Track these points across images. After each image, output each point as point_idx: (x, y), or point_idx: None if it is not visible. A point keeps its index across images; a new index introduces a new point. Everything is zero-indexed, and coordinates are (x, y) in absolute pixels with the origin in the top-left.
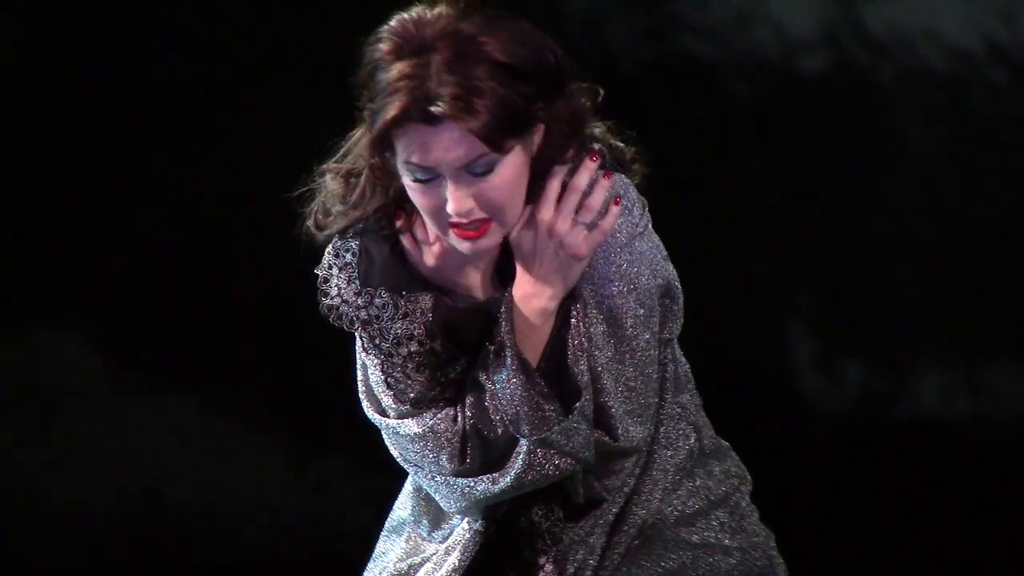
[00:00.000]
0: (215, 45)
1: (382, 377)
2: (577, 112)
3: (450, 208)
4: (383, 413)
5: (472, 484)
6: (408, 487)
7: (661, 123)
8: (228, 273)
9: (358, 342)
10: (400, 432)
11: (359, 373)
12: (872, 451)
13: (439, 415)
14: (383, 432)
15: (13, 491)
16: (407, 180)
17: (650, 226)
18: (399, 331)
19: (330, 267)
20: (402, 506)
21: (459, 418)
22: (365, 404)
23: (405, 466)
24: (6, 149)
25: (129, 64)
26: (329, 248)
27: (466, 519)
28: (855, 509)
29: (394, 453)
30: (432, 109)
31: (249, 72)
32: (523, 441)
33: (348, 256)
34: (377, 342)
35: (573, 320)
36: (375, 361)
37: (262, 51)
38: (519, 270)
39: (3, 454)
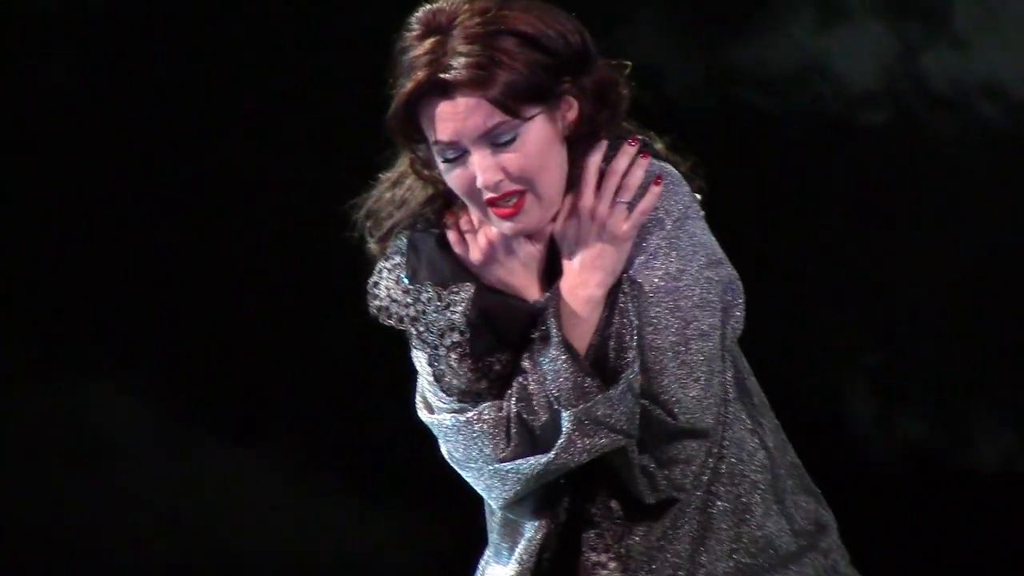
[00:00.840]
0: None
1: (430, 371)
2: (608, 84)
3: (479, 181)
4: (432, 411)
5: (518, 464)
6: (490, 524)
7: (721, 175)
8: (278, 321)
9: (411, 346)
10: (447, 425)
11: (417, 381)
12: (932, 507)
13: (484, 405)
14: (433, 431)
15: (67, 541)
16: (441, 165)
17: (703, 216)
18: (442, 322)
19: (380, 271)
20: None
21: (504, 406)
22: (418, 406)
23: (455, 466)
24: (65, 207)
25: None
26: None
27: (528, 527)
28: (915, 566)
29: (444, 453)
30: (443, 76)
31: (304, 112)
32: (566, 417)
33: (397, 257)
34: (424, 336)
35: (622, 305)
36: (423, 357)
37: (309, 86)
38: (564, 261)
39: (56, 502)
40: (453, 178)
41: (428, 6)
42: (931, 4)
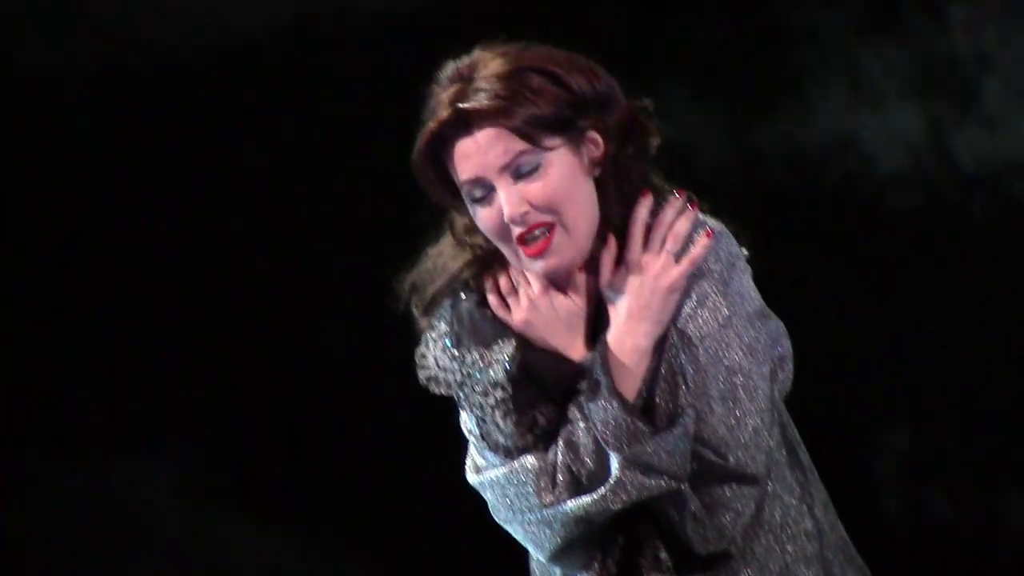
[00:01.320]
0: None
1: (477, 432)
2: (633, 123)
3: (505, 214)
4: (479, 471)
5: (563, 507)
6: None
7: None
8: (310, 401)
9: (459, 409)
10: (494, 479)
11: (468, 448)
12: None
13: (529, 453)
14: (481, 492)
15: None
16: (471, 209)
17: (750, 272)
18: (486, 381)
19: (426, 340)
20: None
21: (550, 454)
22: (468, 470)
23: (503, 524)
24: (94, 287)
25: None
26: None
27: None
28: None
29: (492, 512)
30: (463, 106)
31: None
32: (616, 460)
33: (442, 326)
34: (470, 397)
35: (670, 354)
36: (470, 418)
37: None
38: (611, 312)
39: None
40: (483, 220)
41: (453, 62)
42: (962, 84)
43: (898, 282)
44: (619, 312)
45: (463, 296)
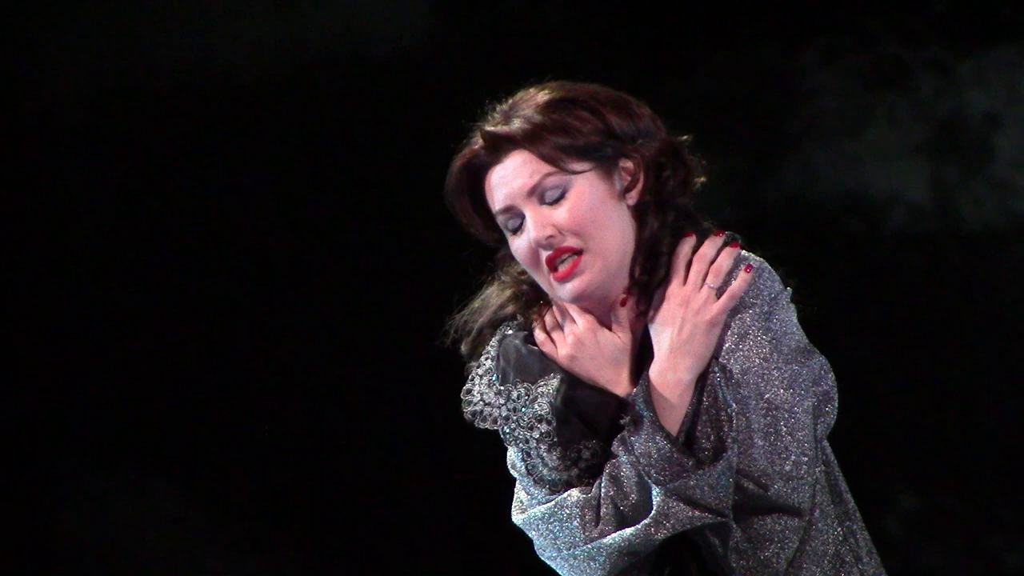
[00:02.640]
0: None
1: (523, 467)
2: (673, 154)
3: (532, 238)
4: (524, 510)
5: (606, 540)
6: None
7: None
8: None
9: (506, 446)
10: (539, 515)
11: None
12: None
13: (574, 488)
14: (526, 531)
15: None
16: (509, 239)
17: (793, 308)
18: (531, 414)
19: (472, 377)
20: None
21: (594, 489)
22: (513, 510)
23: (548, 562)
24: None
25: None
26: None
27: None
28: None
29: (537, 551)
30: (493, 130)
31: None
32: (658, 493)
33: (488, 363)
34: (516, 432)
35: (713, 388)
36: (516, 454)
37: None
38: (655, 347)
39: None
40: (518, 250)
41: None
42: (973, 144)
43: (902, 339)
44: (662, 347)
45: (509, 332)
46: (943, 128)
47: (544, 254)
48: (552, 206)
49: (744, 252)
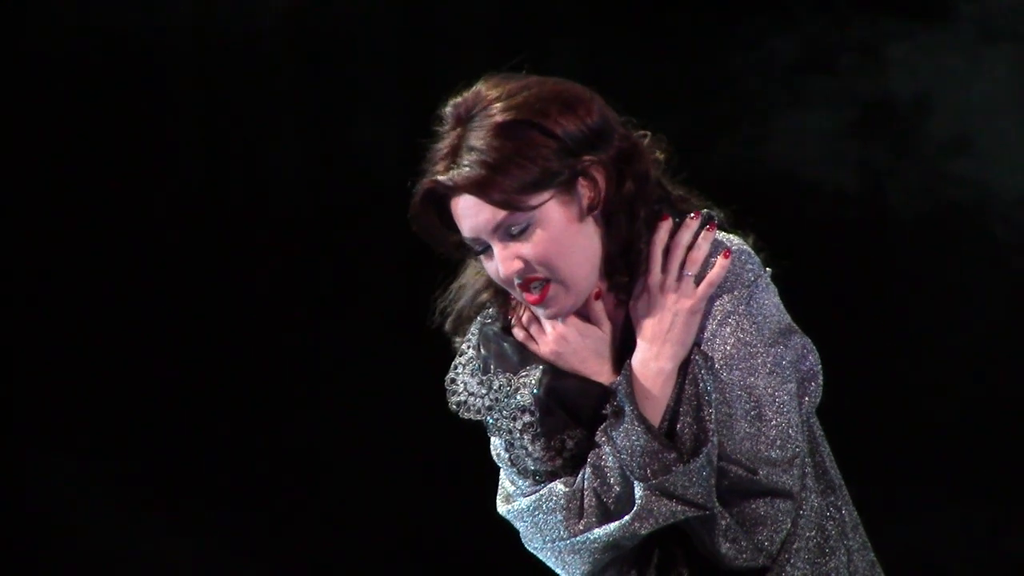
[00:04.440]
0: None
1: (507, 457)
2: (630, 153)
3: (500, 273)
4: (509, 500)
5: (591, 534)
6: None
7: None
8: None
9: (489, 436)
10: (523, 507)
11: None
12: None
13: (557, 480)
14: (512, 522)
15: None
16: (481, 258)
17: (774, 288)
18: (514, 405)
19: (455, 367)
20: None
21: (577, 480)
22: (498, 501)
23: (533, 552)
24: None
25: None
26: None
27: None
28: None
29: (524, 541)
30: (444, 181)
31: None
32: (640, 488)
33: (470, 352)
34: (499, 423)
35: (695, 376)
36: (500, 444)
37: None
38: (637, 337)
39: None
40: (488, 269)
41: (457, 97)
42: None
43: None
44: (643, 336)
45: (488, 321)
46: (869, 110)
47: (516, 281)
48: (518, 238)
49: (721, 235)
